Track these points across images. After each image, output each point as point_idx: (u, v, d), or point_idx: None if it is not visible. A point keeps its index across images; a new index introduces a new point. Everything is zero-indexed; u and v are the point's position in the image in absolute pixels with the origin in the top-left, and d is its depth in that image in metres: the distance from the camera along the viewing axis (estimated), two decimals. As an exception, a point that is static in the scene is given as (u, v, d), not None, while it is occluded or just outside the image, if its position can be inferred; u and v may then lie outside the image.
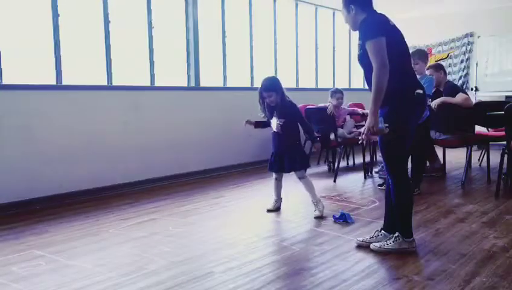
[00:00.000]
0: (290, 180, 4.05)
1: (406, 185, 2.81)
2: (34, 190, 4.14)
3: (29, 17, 4.34)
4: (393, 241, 2.83)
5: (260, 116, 3.85)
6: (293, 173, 3.79)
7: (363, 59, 2.69)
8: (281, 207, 3.92)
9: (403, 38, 2.74)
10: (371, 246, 2.88)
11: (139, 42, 5.17)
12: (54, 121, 4.31)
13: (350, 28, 2.86)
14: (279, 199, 3.92)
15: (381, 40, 2.57)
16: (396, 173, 2.77)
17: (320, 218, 3.62)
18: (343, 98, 5.57)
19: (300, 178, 3.79)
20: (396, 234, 2.83)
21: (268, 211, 3.84)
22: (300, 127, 3.81)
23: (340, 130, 5.35)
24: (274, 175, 3.87)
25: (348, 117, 5.65)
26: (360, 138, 2.74)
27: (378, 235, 2.96)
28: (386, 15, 2.74)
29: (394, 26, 2.71)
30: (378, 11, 2.77)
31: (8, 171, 4.00)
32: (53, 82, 4.44)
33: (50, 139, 4.27)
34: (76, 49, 4.61)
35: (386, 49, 2.57)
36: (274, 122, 3.73)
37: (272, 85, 3.68)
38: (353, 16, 2.77)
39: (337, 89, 5.63)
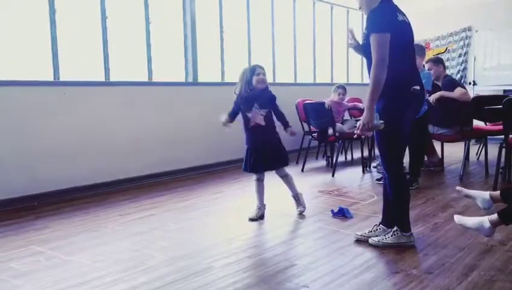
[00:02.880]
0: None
1: (402, 179, 2.82)
2: (33, 185, 4.14)
3: (26, 12, 4.32)
4: (391, 236, 2.84)
5: (223, 118, 3.53)
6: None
7: (366, 49, 2.68)
8: (279, 205, 3.79)
9: (410, 34, 2.72)
10: (370, 240, 2.90)
11: (137, 37, 5.15)
12: (52, 117, 4.30)
13: (363, 12, 2.79)
14: (262, 206, 3.57)
15: (386, 35, 2.56)
16: (393, 168, 2.78)
17: (303, 214, 3.59)
18: (345, 94, 5.58)
19: (283, 176, 3.58)
20: (395, 228, 2.85)
21: (251, 220, 3.48)
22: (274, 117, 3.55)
23: (338, 125, 5.35)
24: (255, 176, 3.55)
25: (347, 115, 5.67)
26: (355, 132, 2.74)
27: (377, 230, 2.97)
28: (398, 6, 2.71)
29: (403, 22, 2.68)
30: None
31: (7, 167, 4.00)
32: (51, 78, 4.43)
33: (49, 135, 4.27)
34: (73, 45, 4.60)
35: (389, 44, 2.55)
36: (255, 114, 3.43)
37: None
38: None
39: (340, 84, 5.63)
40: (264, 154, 3.47)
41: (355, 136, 2.79)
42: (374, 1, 2.70)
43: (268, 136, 3.49)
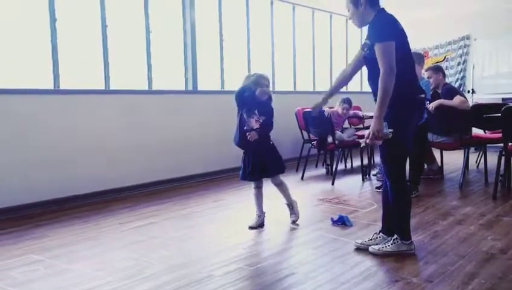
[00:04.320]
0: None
1: (403, 187, 2.82)
2: (33, 194, 4.13)
3: (27, 21, 4.34)
4: (391, 244, 2.84)
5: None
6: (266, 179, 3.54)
7: (370, 60, 2.68)
8: (278, 213, 3.72)
9: (408, 43, 2.74)
10: (370, 248, 2.89)
11: (137, 46, 5.17)
12: (52, 125, 4.30)
13: (355, 24, 2.80)
14: (262, 214, 3.56)
15: (391, 44, 2.56)
16: (394, 175, 2.78)
17: (296, 223, 3.58)
18: (349, 109, 5.59)
19: (278, 184, 3.57)
20: (395, 236, 2.84)
21: (251, 228, 3.48)
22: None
23: (338, 133, 5.36)
24: (253, 184, 3.56)
25: (347, 123, 5.68)
26: (362, 141, 2.74)
27: (377, 238, 2.97)
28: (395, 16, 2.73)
29: (402, 30, 2.70)
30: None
31: (7, 176, 4.00)
32: (51, 86, 4.44)
33: (48, 144, 4.27)
34: (74, 54, 4.61)
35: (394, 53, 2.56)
36: (252, 120, 3.45)
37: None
38: (361, 12, 2.72)
39: (347, 98, 5.62)
40: (260, 161, 3.47)
41: (362, 144, 2.79)
42: (369, 14, 2.71)
43: (262, 142, 3.48)
